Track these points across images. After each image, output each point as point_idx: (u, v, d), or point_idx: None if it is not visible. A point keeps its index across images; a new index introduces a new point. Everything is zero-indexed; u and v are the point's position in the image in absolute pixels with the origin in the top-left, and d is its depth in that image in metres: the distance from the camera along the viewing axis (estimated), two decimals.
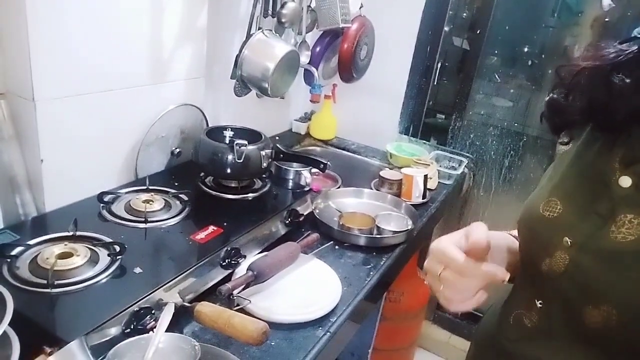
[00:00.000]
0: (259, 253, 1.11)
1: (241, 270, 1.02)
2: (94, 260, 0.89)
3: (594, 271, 0.53)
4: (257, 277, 0.97)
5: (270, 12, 1.39)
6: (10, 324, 0.64)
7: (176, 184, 1.26)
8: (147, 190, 1.17)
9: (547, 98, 0.63)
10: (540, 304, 0.60)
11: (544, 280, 0.59)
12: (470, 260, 0.58)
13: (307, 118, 2.09)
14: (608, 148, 0.56)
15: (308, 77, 1.76)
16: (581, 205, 0.57)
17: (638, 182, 0.52)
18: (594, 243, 0.53)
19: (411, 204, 1.48)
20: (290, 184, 1.44)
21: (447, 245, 0.62)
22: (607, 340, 0.52)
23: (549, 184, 0.63)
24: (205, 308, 0.82)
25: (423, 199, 1.55)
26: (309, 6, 1.57)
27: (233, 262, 1.03)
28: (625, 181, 0.53)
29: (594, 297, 0.51)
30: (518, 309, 0.64)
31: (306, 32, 1.59)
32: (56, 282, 0.81)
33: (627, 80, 0.52)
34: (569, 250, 0.55)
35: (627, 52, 0.54)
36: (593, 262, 0.53)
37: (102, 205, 1.09)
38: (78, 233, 0.95)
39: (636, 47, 0.54)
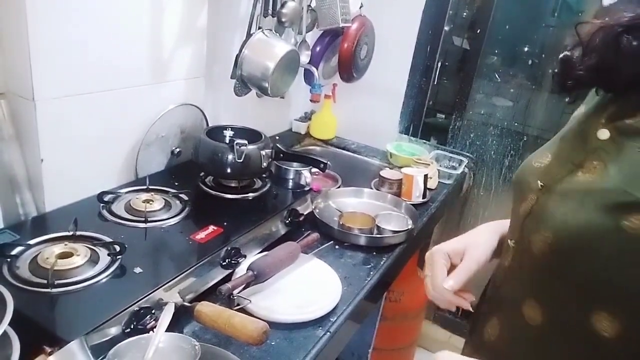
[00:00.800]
0: (259, 253, 1.11)
1: (241, 270, 1.02)
2: (94, 260, 0.89)
3: (547, 205, 0.57)
4: (257, 277, 0.97)
5: (270, 11, 1.39)
6: (10, 324, 0.64)
7: (176, 183, 1.26)
8: (147, 190, 1.17)
9: (562, 55, 0.64)
10: (513, 243, 0.64)
11: (516, 221, 0.64)
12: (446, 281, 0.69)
13: (307, 118, 2.09)
14: (601, 108, 0.59)
15: (308, 77, 1.76)
16: (563, 156, 0.60)
17: (615, 136, 0.54)
18: (558, 185, 0.57)
19: (411, 204, 1.48)
20: (291, 183, 1.44)
21: (438, 261, 0.72)
22: (548, 267, 0.55)
23: (548, 143, 0.67)
24: (206, 308, 0.82)
25: (423, 198, 1.55)
26: (309, 6, 1.57)
27: (233, 261, 1.03)
28: (603, 134, 0.55)
29: (540, 225, 0.56)
30: (503, 254, 0.69)
31: (306, 32, 1.59)
32: (56, 282, 0.81)
33: (634, 43, 0.53)
34: (538, 193, 0.60)
35: None
36: (551, 199, 0.57)
37: (102, 205, 1.09)
38: (78, 233, 0.95)
39: None
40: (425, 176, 1.56)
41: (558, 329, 0.54)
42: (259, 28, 1.38)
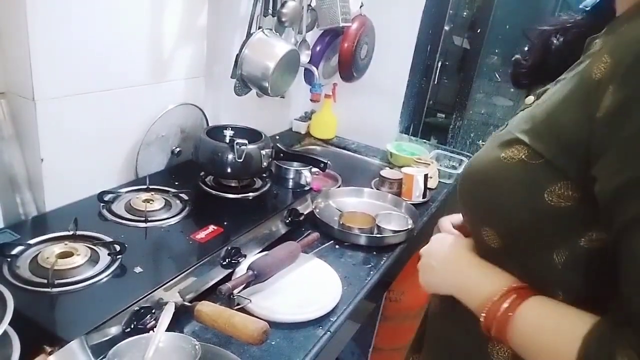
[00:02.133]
0: (259, 252, 1.11)
1: (241, 269, 1.02)
2: (94, 259, 0.89)
3: None
4: (257, 277, 0.97)
5: (270, 11, 1.39)
6: (10, 324, 0.64)
7: (176, 183, 1.26)
8: (147, 190, 1.17)
9: (513, 58, 0.76)
10: None
11: None
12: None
13: (307, 117, 2.09)
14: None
15: (308, 77, 1.76)
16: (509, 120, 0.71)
17: (535, 99, 0.63)
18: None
19: (411, 203, 1.48)
20: (291, 183, 1.44)
21: (444, 220, 0.84)
22: (460, 198, 0.67)
23: None
24: (206, 307, 0.82)
25: (423, 198, 1.55)
26: (309, 5, 1.57)
27: (233, 261, 1.03)
28: (529, 99, 0.65)
29: None
30: None
31: (306, 32, 1.59)
32: (56, 282, 0.81)
33: (561, 39, 0.68)
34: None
35: (572, 20, 0.69)
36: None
37: (102, 204, 1.09)
38: (78, 232, 0.95)
39: (577, 15, 0.69)
40: (426, 176, 1.56)
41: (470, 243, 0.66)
42: (259, 28, 1.38)
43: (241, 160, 1.19)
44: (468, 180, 0.64)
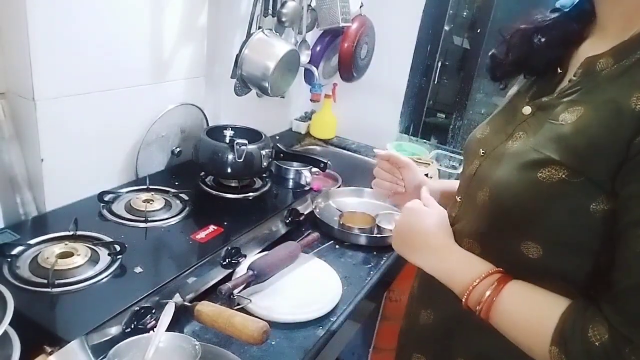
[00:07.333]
0: (259, 252, 1.11)
1: (241, 269, 1.02)
2: (94, 259, 0.89)
3: (486, 168, 0.71)
4: (257, 277, 0.97)
5: (270, 11, 1.39)
6: (10, 324, 0.64)
7: (176, 183, 1.26)
8: (147, 190, 1.17)
9: (490, 53, 0.80)
10: (459, 198, 0.79)
11: (464, 181, 0.79)
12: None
13: (307, 117, 2.09)
14: (526, 89, 0.75)
15: (308, 77, 1.76)
16: (498, 128, 0.74)
17: (534, 111, 0.68)
18: (494, 151, 0.71)
19: None
20: (291, 183, 1.44)
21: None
22: (487, 214, 0.68)
23: (489, 118, 0.82)
24: (206, 307, 0.82)
25: None
26: (309, 5, 1.57)
27: (233, 261, 1.03)
28: (527, 110, 0.69)
29: (482, 183, 0.69)
30: (451, 207, 0.83)
31: (306, 32, 1.59)
32: (56, 282, 0.81)
33: (543, 39, 0.71)
34: (480, 158, 0.73)
35: (548, 18, 0.73)
36: (489, 163, 0.71)
37: (102, 204, 1.09)
38: (78, 232, 0.95)
39: (554, 15, 0.73)
40: (426, 176, 1.55)
41: (493, 257, 0.67)
42: (259, 28, 1.38)
43: (241, 160, 1.19)
44: (502, 203, 0.65)
